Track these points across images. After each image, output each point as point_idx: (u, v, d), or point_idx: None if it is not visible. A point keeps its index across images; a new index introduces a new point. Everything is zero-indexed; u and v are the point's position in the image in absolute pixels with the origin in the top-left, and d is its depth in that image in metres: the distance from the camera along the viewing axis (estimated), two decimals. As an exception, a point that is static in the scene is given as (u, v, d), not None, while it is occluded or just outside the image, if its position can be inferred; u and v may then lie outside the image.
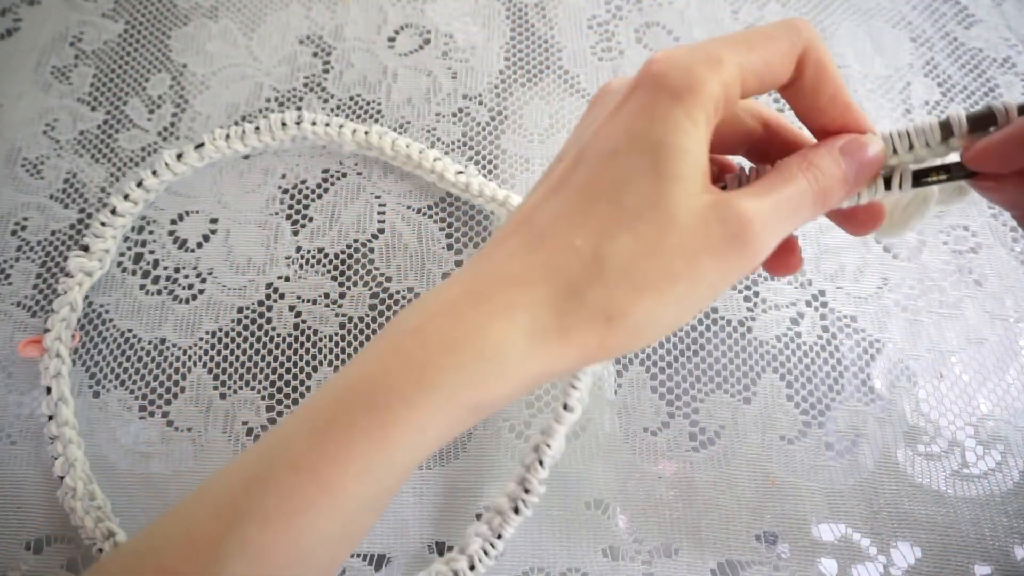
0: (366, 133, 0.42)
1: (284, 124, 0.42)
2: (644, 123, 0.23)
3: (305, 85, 0.45)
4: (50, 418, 0.37)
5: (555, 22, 0.47)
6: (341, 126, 0.42)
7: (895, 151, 0.25)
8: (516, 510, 0.33)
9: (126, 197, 0.41)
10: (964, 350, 0.38)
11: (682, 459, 0.36)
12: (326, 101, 0.45)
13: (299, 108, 0.44)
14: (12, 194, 0.43)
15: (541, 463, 0.34)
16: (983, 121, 0.24)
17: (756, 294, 0.39)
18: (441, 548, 0.35)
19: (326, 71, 0.46)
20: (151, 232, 0.42)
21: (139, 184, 0.41)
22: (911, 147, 0.25)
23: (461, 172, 0.41)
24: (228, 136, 0.42)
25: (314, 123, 0.42)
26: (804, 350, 0.38)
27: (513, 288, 0.23)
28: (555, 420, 0.34)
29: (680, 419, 0.37)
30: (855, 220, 0.27)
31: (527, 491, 0.33)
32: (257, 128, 0.42)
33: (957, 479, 0.36)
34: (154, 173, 0.41)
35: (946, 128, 0.25)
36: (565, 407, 0.35)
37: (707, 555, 0.35)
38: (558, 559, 0.35)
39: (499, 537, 0.33)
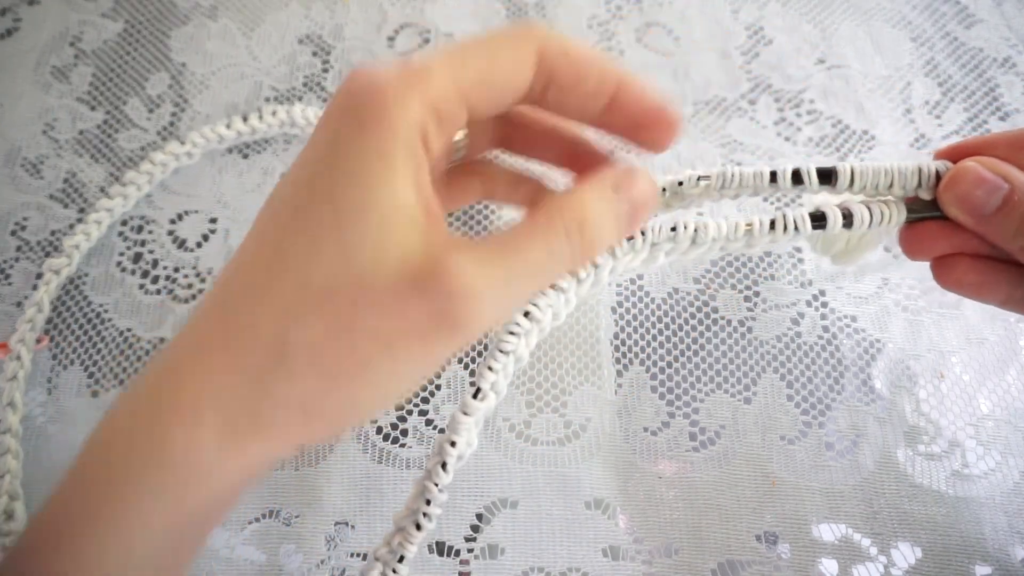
0: None
1: (274, 113, 0.41)
2: (326, 167, 0.19)
3: (304, 84, 0.45)
4: None
5: (555, 22, 0.47)
6: None
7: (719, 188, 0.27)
8: (418, 526, 0.27)
9: (102, 190, 0.41)
10: (964, 350, 0.38)
11: (682, 459, 0.36)
12: (325, 100, 0.45)
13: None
14: (12, 194, 0.43)
15: (444, 466, 0.26)
16: (826, 177, 0.26)
17: (756, 294, 0.39)
18: (441, 548, 0.35)
19: (325, 70, 0.46)
20: (150, 232, 0.42)
21: (118, 179, 0.41)
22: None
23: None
24: (213, 128, 0.41)
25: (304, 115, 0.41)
26: (804, 350, 0.38)
27: (200, 378, 0.20)
28: (462, 411, 0.26)
29: (680, 419, 0.37)
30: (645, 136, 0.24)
31: (428, 502, 0.27)
32: (245, 118, 0.42)
33: (958, 479, 0.36)
34: (135, 166, 0.41)
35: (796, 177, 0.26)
36: (475, 395, 0.26)
37: (707, 555, 0.35)
38: (558, 559, 0.35)
39: (401, 560, 0.28)
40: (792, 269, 0.40)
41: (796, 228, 0.26)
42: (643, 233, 0.25)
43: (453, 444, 0.26)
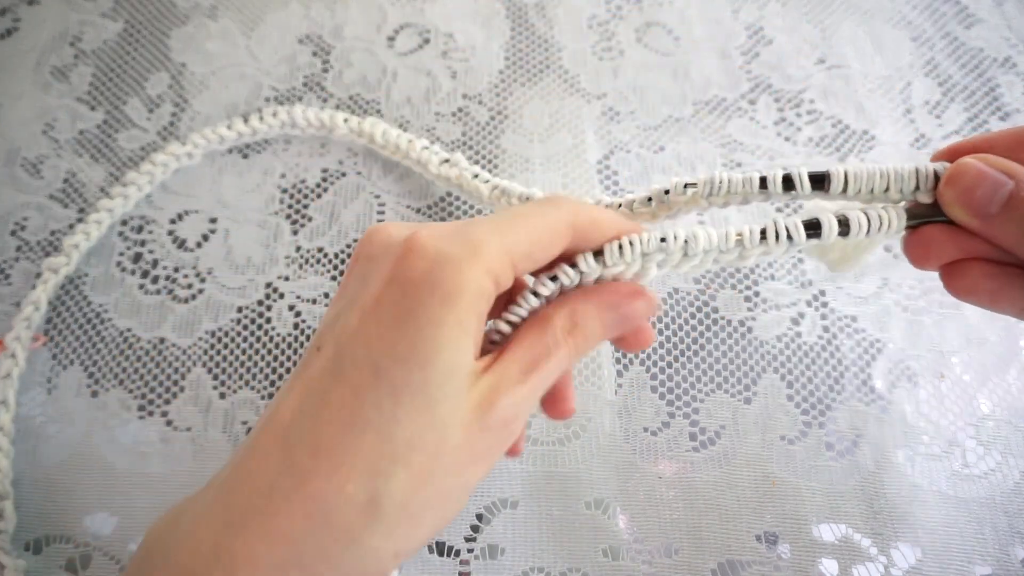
0: (359, 122, 0.41)
1: (275, 114, 0.41)
2: (408, 336, 0.21)
3: (304, 84, 0.45)
4: None
5: (555, 22, 0.47)
6: (332, 116, 0.41)
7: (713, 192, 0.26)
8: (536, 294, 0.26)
9: (102, 190, 0.41)
10: (965, 350, 0.38)
11: (682, 459, 0.36)
12: (325, 100, 0.45)
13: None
14: (11, 194, 0.43)
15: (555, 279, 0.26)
16: (819, 181, 0.25)
17: (756, 294, 0.39)
18: (441, 548, 0.35)
19: (325, 70, 0.46)
20: (150, 232, 0.42)
21: (118, 179, 0.41)
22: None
23: (447, 160, 0.40)
24: (214, 129, 0.41)
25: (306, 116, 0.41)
26: (805, 350, 0.38)
27: (277, 544, 0.20)
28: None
29: (680, 419, 0.37)
30: (624, 343, 0.27)
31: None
32: (245, 119, 0.42)
33: (958, 479, 0.36)
34: (135, 166, 0.41)
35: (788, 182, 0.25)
36: None
37: (707, 555, 0.35)
38: (558, 559, 0.35)
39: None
40: (792, 269, 0.40)
41: (789, 237, 0.25)
42: (631, 244, 0.25)
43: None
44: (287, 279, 0.40)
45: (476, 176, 0.39)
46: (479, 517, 0.36)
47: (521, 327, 0.24)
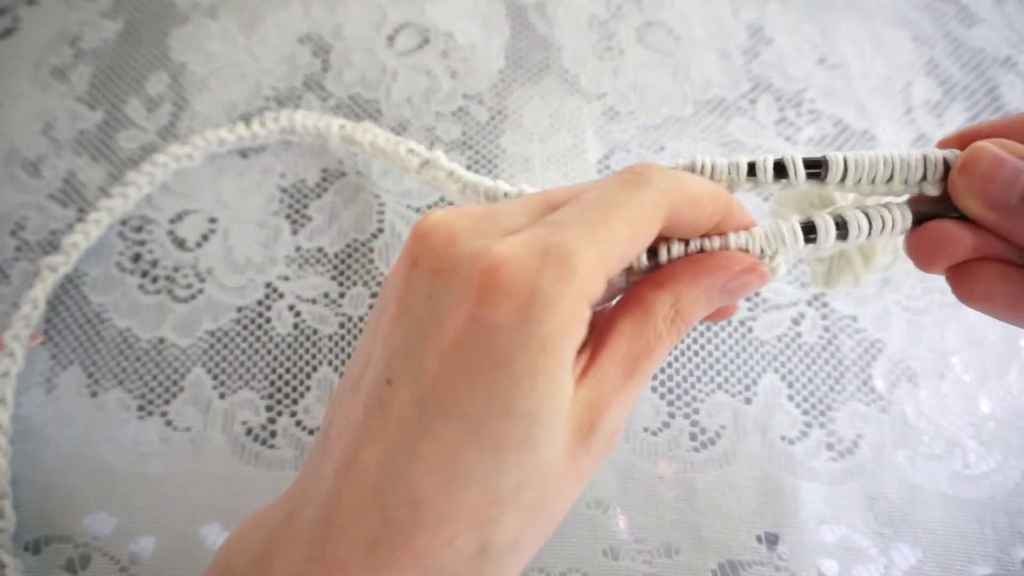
0: (353, 127, 0.41)
1: (276, 119, 0.42)
2: (504, 389, 0.19)
3: (304, 84, 0.45)
4: None
5: (555, 21, 0.47)
6: (328, 125, 0.41)
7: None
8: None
9: (101, 190, 0.41)
10: (965, 350, 0.38)
11: (682, 459, 0.36)
12: (325, 100, 0.45)
13: (297, 107, 0.44)
14: (11, 194, 0.43)
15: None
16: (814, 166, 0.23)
17: (757, 294, 0.39)
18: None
19: (325, 70, 0.46)
20: (150, 232, 0.42)
21: (118, 179, 0.41)
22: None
23: (426, 162, 0.38)
24: (215, 131, 0.42)
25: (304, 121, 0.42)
26: (805, 350, 0.38)
27: None
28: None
29: (680, 419, 0.37)
30: (708, 317, 0.24)
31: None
32: (247, 123, 0.42)
33: (958, 480, 0.36)
34: (135, 166, 0.41)
35: (780, 169, 0.23)
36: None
37: (708, 555, 0.35)
38: (558, 559, 0.35)
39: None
40: (792, 269, 0.40)
41: (784, 242, 0.22)
42: (782, 238, 0.22)
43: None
44: (287, 279, 0.40)
45: (451, 174, 0.38)
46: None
47: (616, 312, 0.21)
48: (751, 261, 0.22)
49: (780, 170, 0.23)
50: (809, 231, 0.23)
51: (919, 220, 0.23)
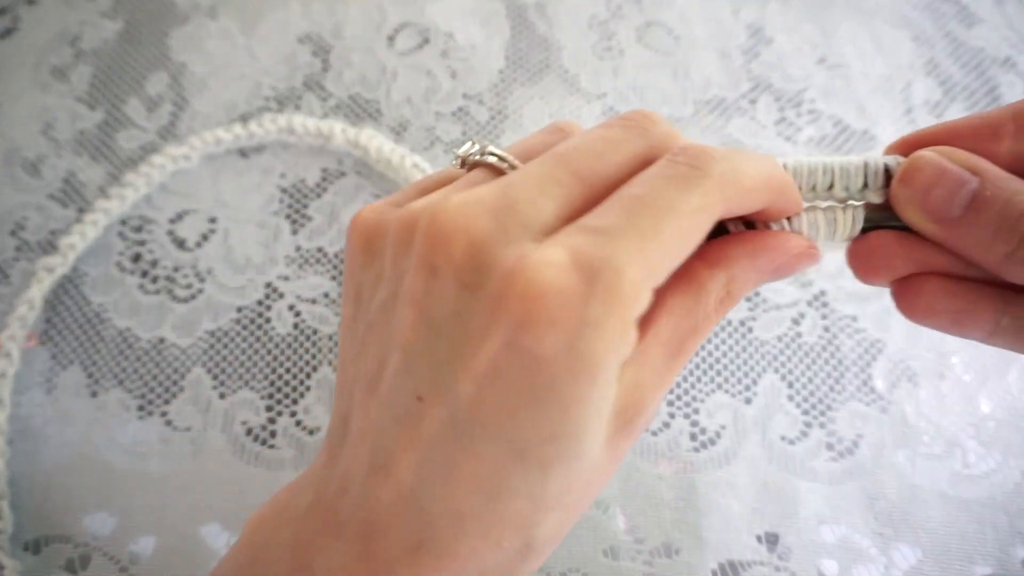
0: (356, 133, 0.41)
1: (275, 120, 0.42)
2: (551, 416, 0.18)
3: (304, 84, 0.45)
4: None
5: (555, 21, 0.47)
6: (330, 127, 0.41)
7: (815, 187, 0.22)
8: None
9: (101, 190, 0.41)
10: (965, 350, 0.38)
11: (682, 459, 0.36)
12: (325, 100, 0.45)
13: (297, 107, 0.44)
14: (10, 194, 0.43)
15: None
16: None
17: (757, 294, 0.39)
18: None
19: (325, 70, 0.46)
20: (150, 232, 0.42)
21: (117, 179, 0.41)
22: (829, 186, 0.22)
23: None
24: (212, 132, 0.42)
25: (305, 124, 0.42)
26: (805, 350, 0.38)
27: None
28: None
29: (680, 419, 0.37)
30: None
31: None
32: (245, 123, 0.42)
33: (958, 479, 0.36)
34: (134, 166, 0.41)
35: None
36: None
37: (708, 555, 0.35)
38: (558, 559, 0.35)
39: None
40: (792, 269, 0.40)
41: (835, 229, 0.22)
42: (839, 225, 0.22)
43: None
44: (287, 279, 0.40)
45: None
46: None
47: (665, 290, 0.20)
48: (807, 243, 0.21)
49: None
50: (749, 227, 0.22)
51: (871, 227, 0.22)
